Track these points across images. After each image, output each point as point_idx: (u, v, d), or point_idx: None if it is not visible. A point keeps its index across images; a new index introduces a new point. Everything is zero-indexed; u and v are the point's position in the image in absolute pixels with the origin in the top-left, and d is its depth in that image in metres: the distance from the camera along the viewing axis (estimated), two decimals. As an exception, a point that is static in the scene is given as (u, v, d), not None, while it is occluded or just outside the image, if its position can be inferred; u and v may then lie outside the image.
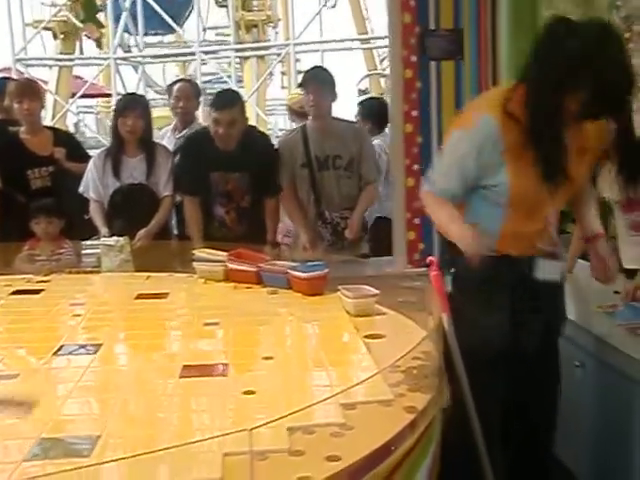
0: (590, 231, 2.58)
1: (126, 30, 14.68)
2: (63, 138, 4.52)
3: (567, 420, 2.81)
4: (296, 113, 6.94)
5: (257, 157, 3.97)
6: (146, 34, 15.92)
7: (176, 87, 4.77)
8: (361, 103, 5.59)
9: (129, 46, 17.20)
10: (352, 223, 3.98)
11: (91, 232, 4.18)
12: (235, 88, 12.60)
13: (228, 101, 3.98)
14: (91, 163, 4.11)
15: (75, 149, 4.48)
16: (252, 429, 1.32)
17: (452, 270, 2.43)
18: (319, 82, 4.00)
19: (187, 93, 4.71)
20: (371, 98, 6.35)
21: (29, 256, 3.76)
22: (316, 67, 4.65)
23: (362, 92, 17.68)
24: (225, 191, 4.00)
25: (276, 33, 20.18)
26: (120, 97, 4.68)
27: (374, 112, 4.92)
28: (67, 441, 1.67)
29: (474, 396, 2.20)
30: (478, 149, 2.32)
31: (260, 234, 4.04)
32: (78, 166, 4.26)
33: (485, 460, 2.19)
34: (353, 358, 2.22)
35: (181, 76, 11.83)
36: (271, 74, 15.15)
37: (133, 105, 4.08)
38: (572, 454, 2.87)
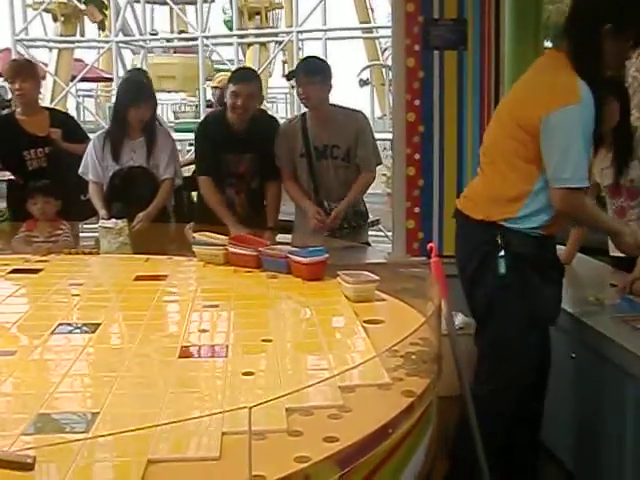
0: None
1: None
2: (60, 119, 4.50)
3: (561, 411, 2.82)
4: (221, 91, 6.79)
5: (267, 139, 4.01)
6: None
7: None
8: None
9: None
10: (337, 209, 3.89)
11: (88, 213, 4.17)
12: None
13: (247, 76, 4.09)
14: (91, 145, 4.10)
15: (73, 130, 4.47)
16: (252, 407, 1.32)
17: (502, 254, 2.49)
18: (308, 75, 3.91)
19: None
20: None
21: (26, 237, 3.76)
22: (307, 58, 4.55)
23: (363, 82, 17.68)
24: (237, 172, 4.04)
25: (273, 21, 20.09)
26: (126, 83, 4.58)
27: None
28: (64, 417, 1.68)
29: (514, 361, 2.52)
30: (592, 121, 2.35)
31: (261, 219, 4.07)
32: (75, 147, 4.25)
33: (480, 447, 2.19)
34: (352, 342, 2.22)
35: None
36: (272, 63, 15.12)
37: (145, 97, 4.06)
38: (565, 445, 2.89)
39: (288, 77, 4.21)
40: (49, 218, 3.82)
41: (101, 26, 7.09)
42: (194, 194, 4.58)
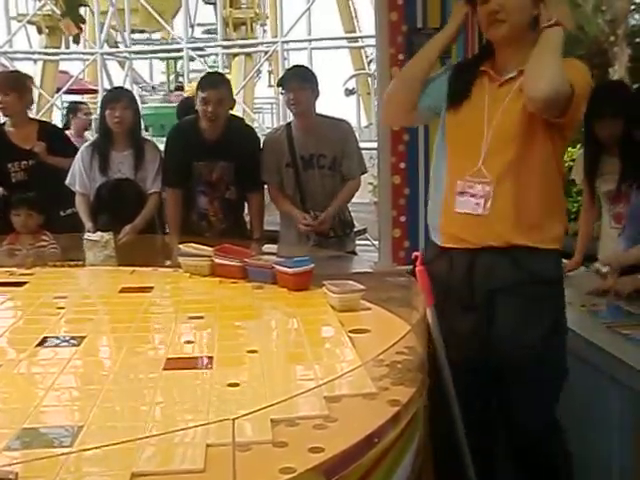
0: None
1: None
2: (49, 132, 4.48)
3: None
4: None
5: (243, 148, 3.96)
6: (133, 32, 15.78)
7: None
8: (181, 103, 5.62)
9: (116, 42, 17.12)
10: (326, 213, 3.90)
11: (69, 229, 4.15)
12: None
13: (215, 81, 4.00)
14: (78, 155, 4.08)
15: (61, 143, 4.45)
16: (235, 419, 1.32)
17: None
18: (298, 80, 3.94)
19: None
20: (187, 98, 5.86)
21: (10, 250, 3.74)
22: (295, 66, 4.61)
23: (349, 92, 17.72)
24: (209, 180, 3.99)
25: (264, 31, 20.18)
26: (106, 91, 4.66)
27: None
28: (48, 431, 1.67)
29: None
30: None
31: (239, 231, 4.05)
32: (60, 161, 4.24)
33: (465, 451, 2.19)
34: (337, 352, 2.22)
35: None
36: (259, 71, 15.13)
37: (120, 96, 4.07)
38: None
39: (279, 84, 4.19)
40: (31, 231, 3.79)
41: (76, 39, 7.09)
42: None
